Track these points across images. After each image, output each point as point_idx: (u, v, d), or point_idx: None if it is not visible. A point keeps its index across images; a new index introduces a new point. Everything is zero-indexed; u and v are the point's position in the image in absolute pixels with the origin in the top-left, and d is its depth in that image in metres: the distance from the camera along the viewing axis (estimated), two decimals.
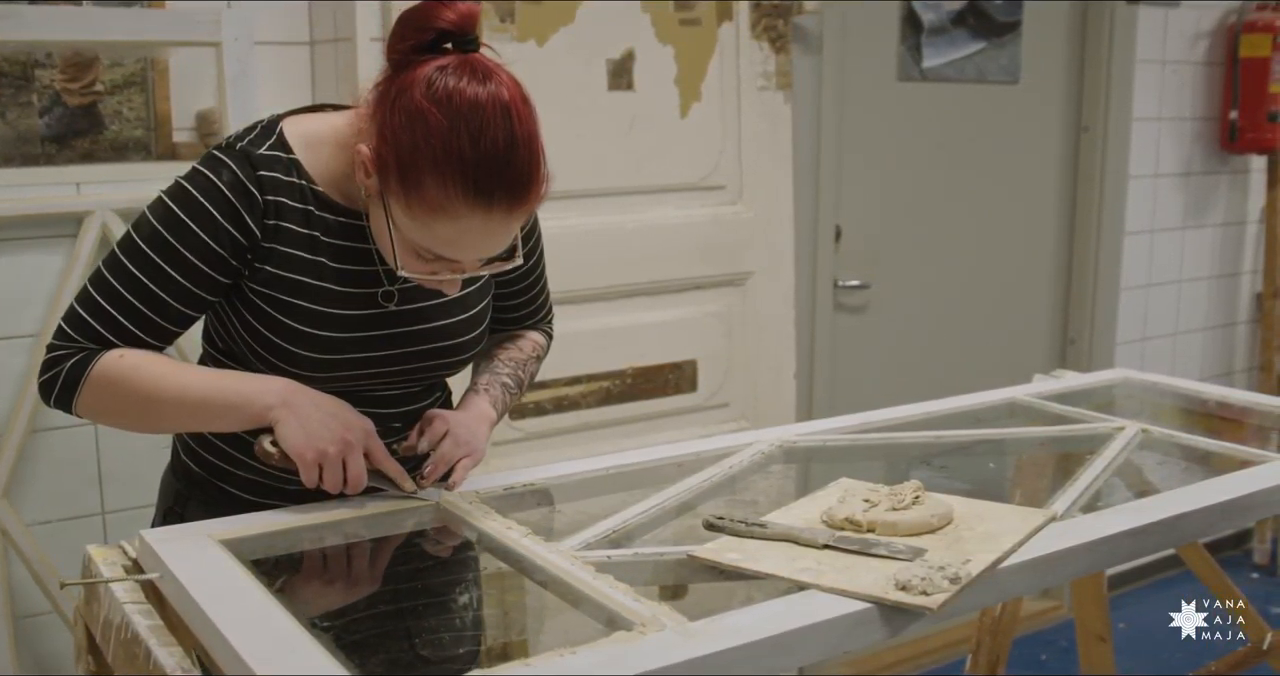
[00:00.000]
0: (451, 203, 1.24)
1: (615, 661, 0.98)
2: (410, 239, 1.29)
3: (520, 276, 1.56)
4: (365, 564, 1.40)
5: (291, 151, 1.37)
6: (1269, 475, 1.51)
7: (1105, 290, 3.63)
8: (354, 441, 1.33)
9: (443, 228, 1.26)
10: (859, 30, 3.03)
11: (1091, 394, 2.04)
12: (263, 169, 1.34)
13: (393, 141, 1.25)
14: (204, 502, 1.47)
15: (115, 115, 2.13)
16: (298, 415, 1.32)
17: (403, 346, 1.43)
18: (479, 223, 1.26)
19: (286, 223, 1.36)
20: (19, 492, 2.07)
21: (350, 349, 1.40)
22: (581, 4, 2.50)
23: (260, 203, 1.34)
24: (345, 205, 1.38)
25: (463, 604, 1.31)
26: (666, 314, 2.68)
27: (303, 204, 1.36)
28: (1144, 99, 3.59)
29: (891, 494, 1.33)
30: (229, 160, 1.34)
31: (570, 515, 1.41)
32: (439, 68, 1.25)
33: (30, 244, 2.03)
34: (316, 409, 1.33)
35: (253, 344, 1.39)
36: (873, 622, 1.10)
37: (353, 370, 1.41)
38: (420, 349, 1.44)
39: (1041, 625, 3.63)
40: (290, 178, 1.36)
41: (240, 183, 1.33)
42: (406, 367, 1.45)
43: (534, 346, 1.65)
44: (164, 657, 1.08)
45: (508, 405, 1.56)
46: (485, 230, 1.27)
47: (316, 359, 1.38)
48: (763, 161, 2.79)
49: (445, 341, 1.46)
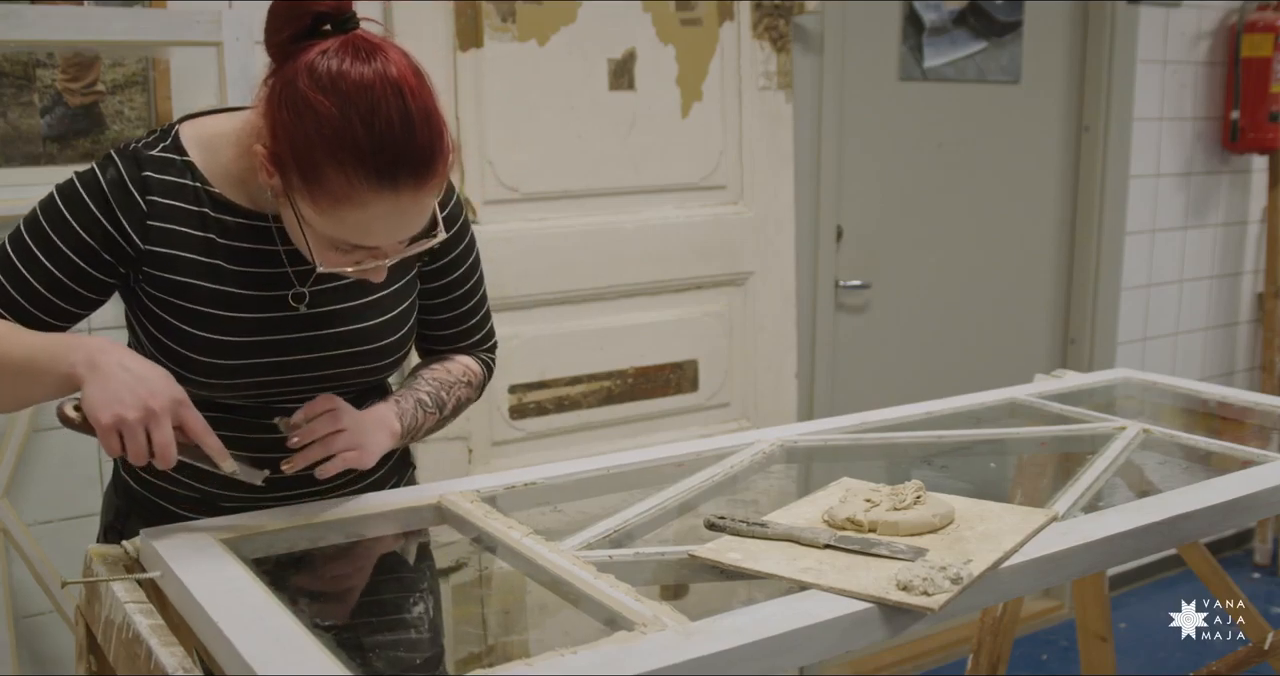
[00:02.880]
0: (356, 191, 1.19)
1: (616, 661, 0.98)
2: (324, 233, 1.24)
3: (448, 285, 1.50)
4: (366, 563, 1.40)
5: (186, 154, 1.34)
6: (1270, 475, 1.51)
7: (1106, 290, 3.63)
8: (158, 409, 1.19)
9: (352, 217, 1.21)
10: (860, 30, 3.03)
11: (1092, 394, 2.04)
12: (150, 170, 1.31)
13: (286, 138, 1.20)
14: (145, 520, 1.42)
15: (116, 115, 2.13)
16: (102, 376, 1.20)
17: (315, 351, 1.37)
18: (388, 207, 1.21)
19: (175, 225, 1.32)
20: (20, 492, 2.07)
21: (256, 354, 1.35)
22: (582, 4, 2.50)
23: (141, 203, 1.31)
24: (247, 206, 1.34)
25: (463, 603, 1.31)
26: (667, 314, 2.68)
27: (197, 206, 1.33)
28: (1145, 99, 3.59)
29: (893, 494, 1.32)
30: (118, 160, 1.33)
31: (570, 515, 1.41)
32: (320, 52, 1.20)
33: None
34: (124, 371, 1.21)
35: (154, 351, 1.35)
36: (874, 622, 1.10)
37: (262, 376, 1.36)
38: (335, 354, 1.38)
39: (1042, 625, 3.63)
40: (183, 180, 1.32)
41: (122, 182, 1.31)
42: (322, 374, 1.39)
43: (465, 370, 1.54)
44: (165, 657, 1.08)
45: (419, 424, 1.44)
46: (396, 213, 1.22)
47: (217, 365, 1.34)
48: (764, 161, 2.79)
49: (361, 346, 1.39)
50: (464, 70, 2.37)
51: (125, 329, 1.42)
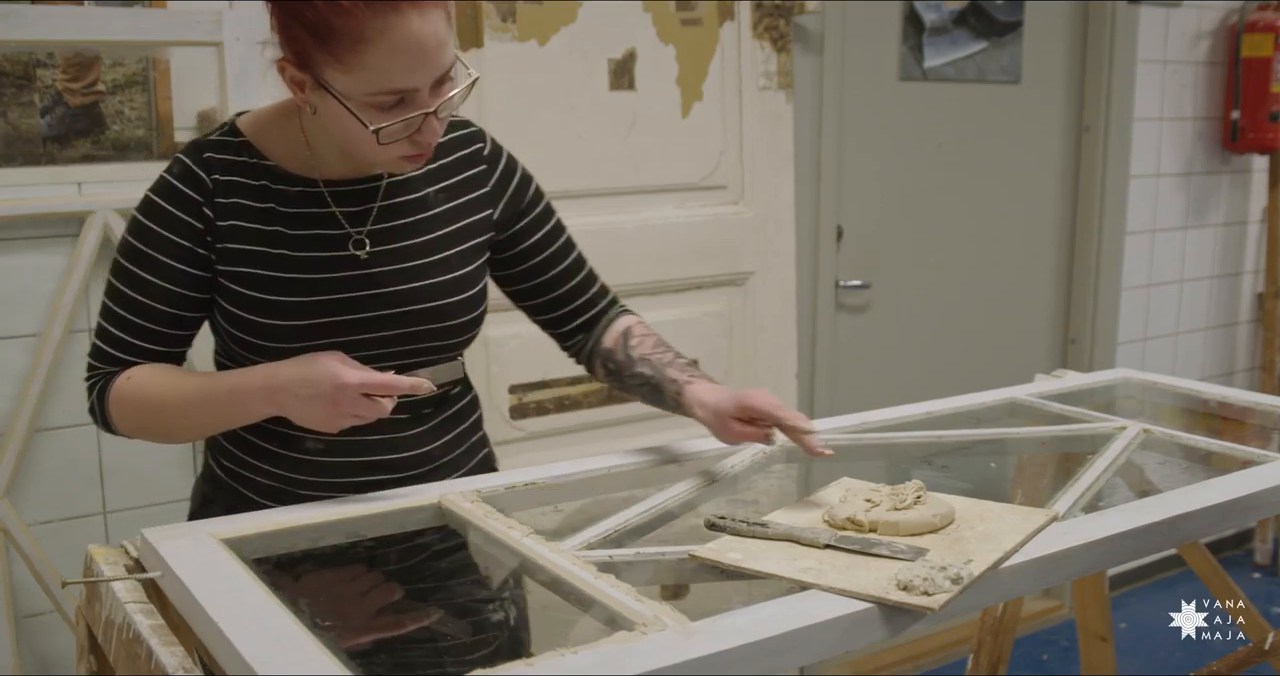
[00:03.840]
0: (361, 26, 1.23)
1: (616, 661, 0.98)
2: (360, 97, 1.28)
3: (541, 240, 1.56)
4: (366, 563, 1.40)
5: (241, 135, 1.42)
6: (1270, 475, 1.51)
7: (1106, 290, 3.63)
8: (345, 400, 1.29)
9: (371, 58, 1.25)
10: (860, 30, 3.03)
11: (1093, 394, 2.04)
12: (210, 152, 1.40)
13: (290, 21, 1.27)
14: (226, 507, 1.47)
15: (117, 115, 2.13)
16: (290, 401, 1.32)
17: (377, 308, 1.42)
18: (399, 35, 1.24)
19: (238, 199, 1.40)
20: (20, 492, 2.08)
21: (320, 313, 1.40)
22: (583, 4, 2.50)
23: (208, 182, 1.39)
24: (301, 173, 1.42)
25: (464, 603, 1.31)
26: (667, 314, 2.68)
27: (256, 180, 1.40)
28: (1145, 99, 3.59)
29: (893, 494, 1.32)
30: (182, 155, 1.42)
31: (571, 515, 1.41)
32: None
33: (31, 244, 2.04)
34: (297, 400, 1.31)
35: (231, 330, 1.42)
36: (874, 622, 1.10)
37: (329, 337, 1.40)
38: (397, 311, 1.43)
39: (1043, 625, 3.63)
40: (241, 157, 1.41)
41: (188, 170, 1.40)
42: (387, 335, 1.43)
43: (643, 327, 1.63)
44: (165, 657, 1.08)
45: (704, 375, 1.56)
46: (409, 35, 1.25)
47: (285, 327, 1.39)
48: (764, 161, 2.79)
49: (421, 303, 1.44)
50: None
51: None
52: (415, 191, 1.48)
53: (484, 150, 1.54)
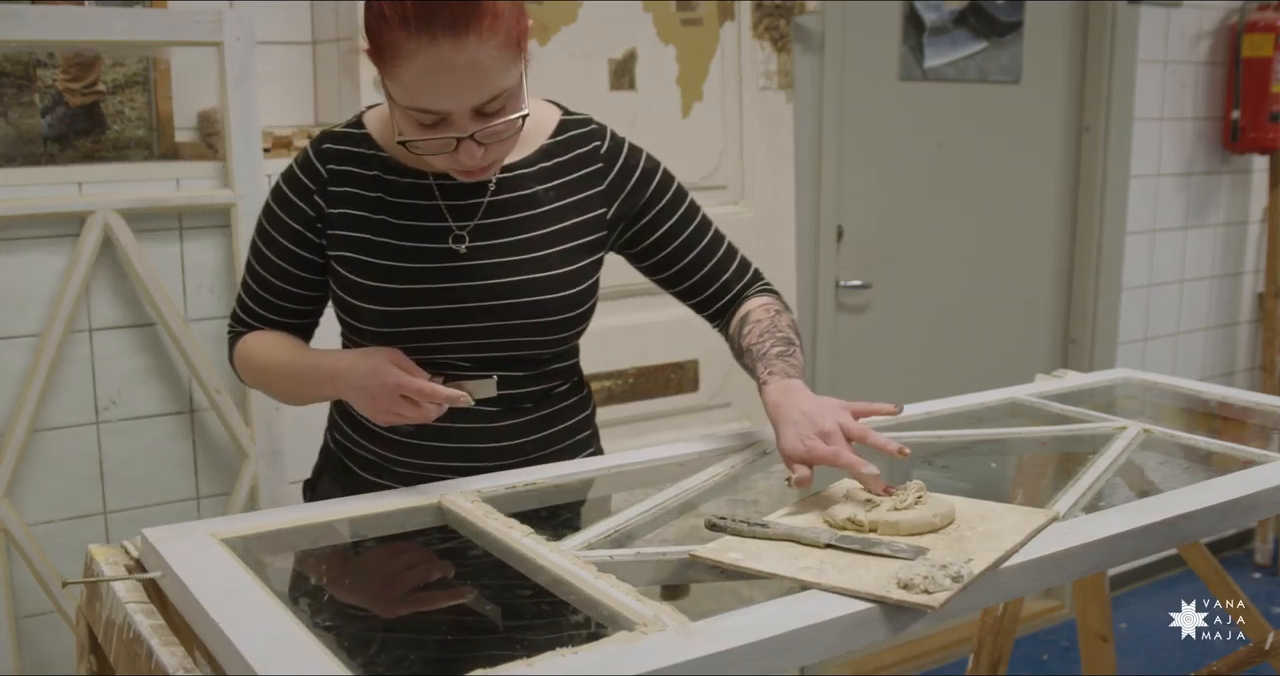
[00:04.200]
0: (399, 42, 1.27)
1: (616, 661, 0.98)
2: (403, 105, 1.33)
3: (668, 233, 1.58)
4: (367, 563, 1.40)
5: (364, 127, 1.50)
6: (1270, 475, 1.51)
7: (1107, 290, 3.63)
8: (384, 398, 1.36)
9: (405, 74, 1.28)
10: (860, 30, 3.03)
11: (1093, 394, 2.04)
12: (329, 143, 1.49)
13: (367, 16, 1.31)
14: (334, 478, 1.61)
15: (117, 115, 2.13)
16: (348, 397, 1.43)
17: (470, 301, 1.45)
18: (431, 59, 1.26)
19: (350, 187, 1.47)
20: (21, 492, 2.08)
21: (417, 301, 1.45)
22: (583, 4, 2.50)
23: (322, 172, 1.48)
24: (413, 166, 1.47)
25: (464, 603, 1.31)
26: (668, 314, 2.68)
27: (370, 170, 1.47)
28: (1146, 99, 3.59)
29: (893, 493, 1.32)
30: (307, 146, 1.51)
31: (571, 515, 1.41)
32: None
33: (32, 244, 2.04)
34: (350, 388, 1.40)
35: (338, 311, 1.52)
36: (874, 622, 1.10)
37: (425, 325, 1.45)
38: (489, 305, 1.46)
39: (1043, 625, 3.63)
40: (359, 148, 1.48)
41: (307, 159, 1.49)
42: (478, 327, 1.46)
43: (763, 309, 1.58)
44: (166, 657, 1.08)
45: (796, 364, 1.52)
46: (441, 66, 1.27)
47: (383, 312, 1.46)
48: (764, 161, 2.79)
49: (515, 298, 1.46)
50: None
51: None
52: (525, 188, 1.50)
53: (601, 148, 1.55)
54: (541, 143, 1.53)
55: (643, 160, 1.57)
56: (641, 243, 1.59)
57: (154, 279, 2.10)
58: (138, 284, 2.10)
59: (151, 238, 2.12)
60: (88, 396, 2.11)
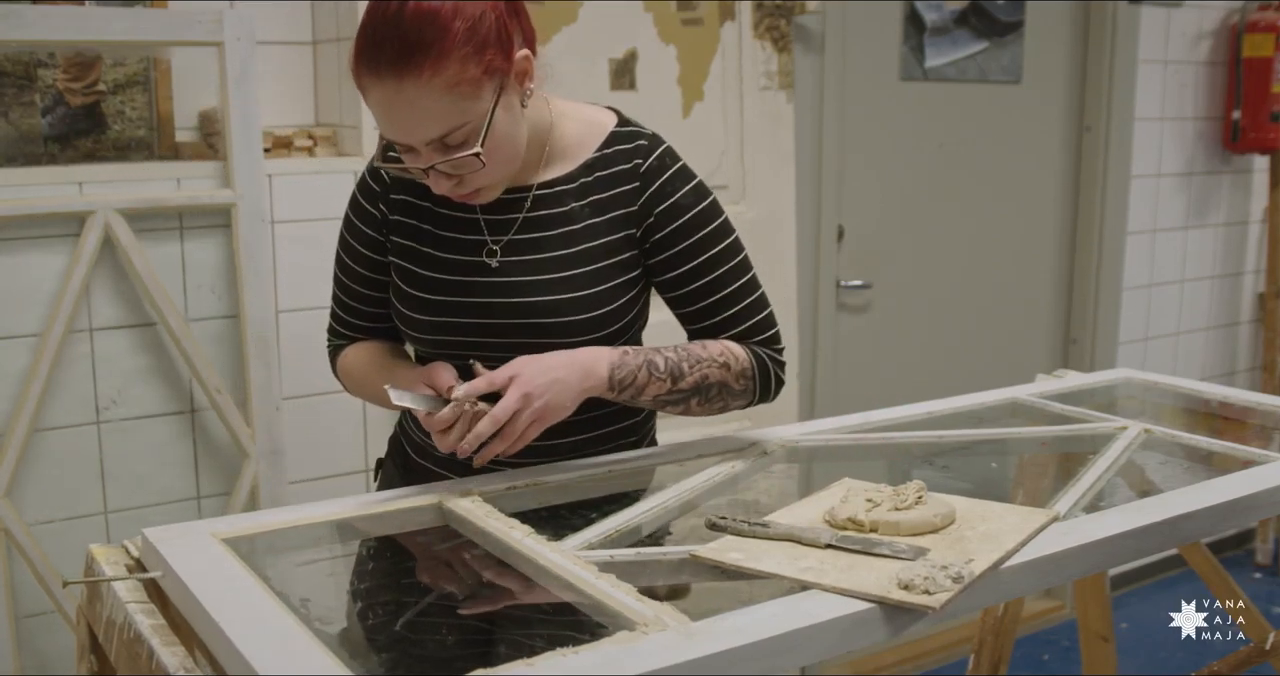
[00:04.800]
0: (358, 73, 1.32)
1: (616, 661, 0.98)
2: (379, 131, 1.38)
3: (685, 275, 1.49)
4: (367, 563, 1.40)
5: None
6: (1271, 475, 1.51)
7: (1107, 290, 3.63)
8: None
9: (368, 104, 1.34)
10: (861, 30, 3.03)
11: (1093, 394, 2.04)
12: (393, 150, 1.44)
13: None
14: (394, 459, 1.67)
15: (118, 115, 2.13)
16: None
17: (500, 317, 1.46)
18: (381, 94, 1.31)
19: (408, 196, 1.51)
20: (21, 492, 2.08)
21: (450, 313, 1.48)
22: (584, 4, 2.50)
23: (387, 179, 1.51)
24: None
25: (464, 604, 1.31)
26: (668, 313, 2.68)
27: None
28: (1146, 99, 3.59)
29: (894, 493, 1.32)
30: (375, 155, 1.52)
31: (571, 515, 1.41)
32: None
33: (33, 244, 2.04)
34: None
35: (395, 319, 1.55)
36: (875, 622, 1.10)
37: (457, 336, 1.48)
38: (519, 323, 1.46)
39: (1043, 625, 3.63)
40: None
41: (374, 166, 1.50)
42: (509, 342, 1.46)
43: (723, 351, 1.50)
44: (166, 657, 1.08)
45: (639, 383, 1.42)
46: (388, 101, 1.31)
47: (419, 319, 1.49)
48: (765, 161, 2.79)
49: (543, 318, 1.45)
50: None
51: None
52: (562, 205, 1.48)
53: (642, 166, 1.48)
54: (587, 157, 1.50)
55: (682, 190, 1.48)
56: (661, 274, 1.51)
57: (154, 279, 2.10)
58: (138, 284, 2.10)
59: (152, 237, 2.12)
60: (88, 396, 2.11)
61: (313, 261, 2.21)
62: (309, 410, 2.32)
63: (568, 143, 1.50)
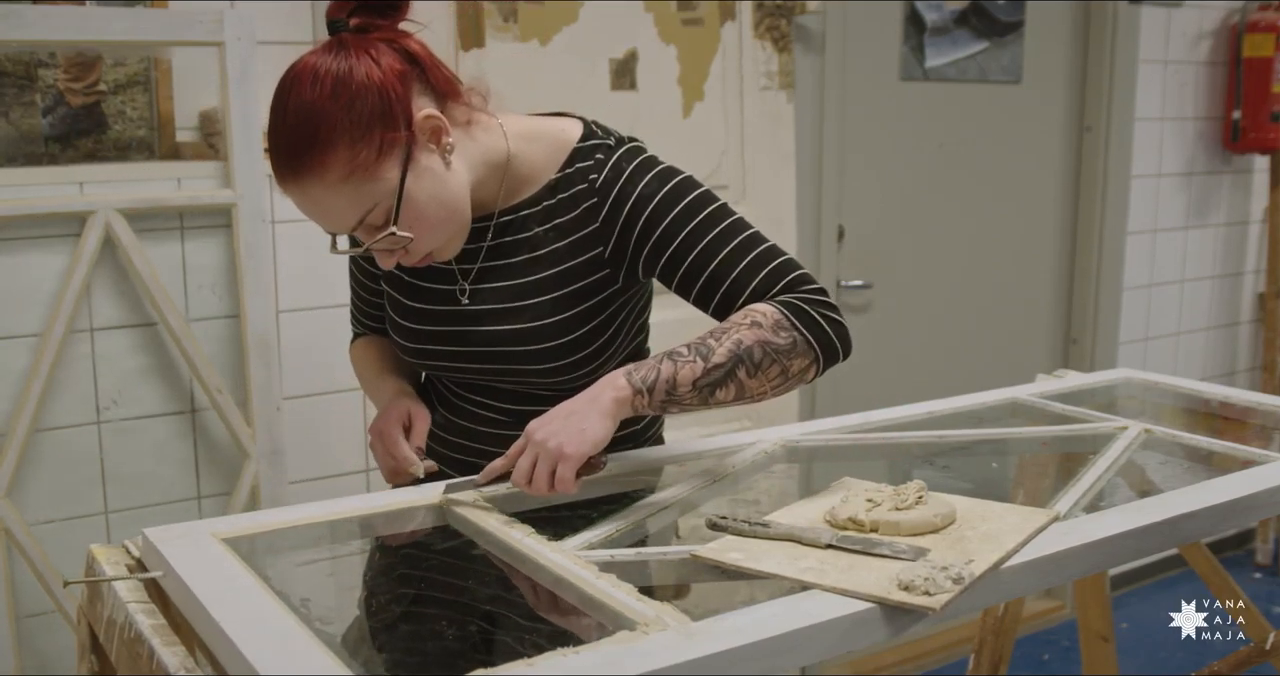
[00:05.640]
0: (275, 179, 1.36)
1: (617, 661, 0.98)
2: None
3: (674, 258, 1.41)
4: (368, 563, 1.40)
5: None
6: (1271, 475, 1.51)
7: (1108, 290, 3.63)
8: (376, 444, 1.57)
9: None
10: (861, 30, 3.03)
11: (1094, 394, 2.04)
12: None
13: None
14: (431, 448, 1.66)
15: (118, 115, 2.13)
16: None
17: (473, 345, 1.49)
18: (290, 194, 1.34)
19: None
20: (22, 492, 2.08)
21: (430, 341, 1.52)
22: (584, 4, 2.50)
23: None
24: None
25: (464, 603, 1.31)
26: (668, 314, 2.67)
27: None
28: (1146, 99, 3.59)
29: (894, 493, 1.32)
30: None
31: (571, 515, 1.41)
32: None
33: (33, 244, 2.04)
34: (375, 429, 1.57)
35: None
36: (875, 622, 1.10)
37: (442, 361, 1.54)
38: (488, 350, 1.49)
39: (1044, 625, 3.63)
40: None
41: None
42: (484, 368, 1.51)
43: (746, 313, 1.38)
44: (167, 657, 1.08)
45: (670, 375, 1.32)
46: (299, 201, 1.35)
47: (409, 347, 1.55)
48: (765, 161, 2.79)
49: (510, 346, 1.47)
50: (465, 70, 2.37)
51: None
52: (527, 230, 1.46)
53: (597, 181, 1.43)
54: (550, 177, 1.45)
55: (642, 183, 1.43)
56: (656, 270, 1.45)
57: (155, 279, 2.10)
58: (139, 284, 2.10)
59: (152, 237, 2.12)
60: (89, 396, 2.12)
61: (313, 262, 2.21)
62: (309, 410, 2.32)
63: (530, 167, 1.46)
